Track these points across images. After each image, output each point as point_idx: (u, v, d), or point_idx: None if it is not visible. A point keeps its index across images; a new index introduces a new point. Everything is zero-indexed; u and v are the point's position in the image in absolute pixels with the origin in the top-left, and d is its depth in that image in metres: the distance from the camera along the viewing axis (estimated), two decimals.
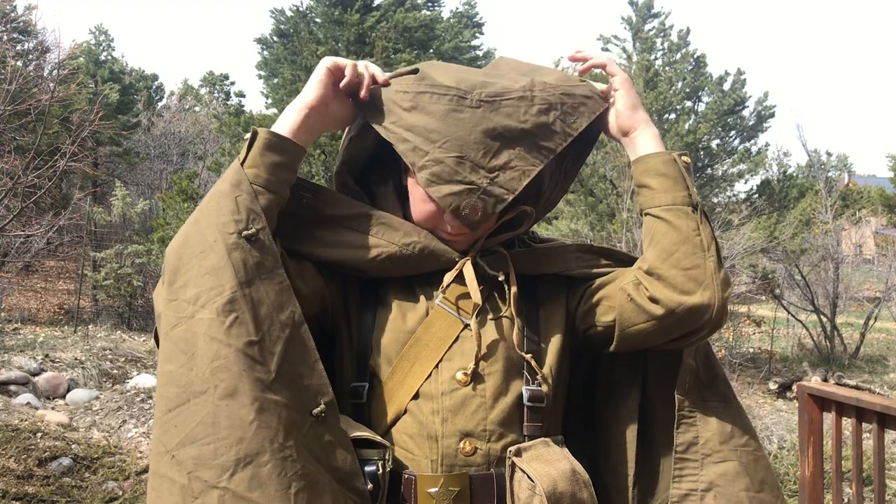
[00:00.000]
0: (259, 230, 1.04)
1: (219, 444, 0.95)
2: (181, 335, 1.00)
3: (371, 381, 1.16)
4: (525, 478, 1.08)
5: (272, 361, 1.00)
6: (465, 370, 1.12)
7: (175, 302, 1.02)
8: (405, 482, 1.11)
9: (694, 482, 1.14)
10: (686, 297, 1.08)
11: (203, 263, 1.02)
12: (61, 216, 9.07)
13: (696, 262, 1.08)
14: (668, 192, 1.13)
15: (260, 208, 1.05)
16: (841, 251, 12.53)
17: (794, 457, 4.58)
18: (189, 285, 1.02)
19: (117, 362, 7.63)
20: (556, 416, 1.19)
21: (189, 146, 18.24)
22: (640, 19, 13.06)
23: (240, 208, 1.04)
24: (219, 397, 0.96)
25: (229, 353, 0.98)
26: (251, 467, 0.94)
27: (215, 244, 1.03)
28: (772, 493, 1.16)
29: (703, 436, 1.15)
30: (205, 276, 1.01)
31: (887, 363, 11.05)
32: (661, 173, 1.14)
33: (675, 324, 1.09)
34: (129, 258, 10.80)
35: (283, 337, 1.02)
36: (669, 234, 1.10)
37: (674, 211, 1.11)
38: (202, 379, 0.97)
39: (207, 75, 28.26)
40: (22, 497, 3.85)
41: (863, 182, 33.48)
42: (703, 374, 1.18)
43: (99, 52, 18.85)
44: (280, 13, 13.60)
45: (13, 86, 8.00)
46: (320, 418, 1.02)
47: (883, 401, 2.89)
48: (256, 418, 0.96)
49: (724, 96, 11.99)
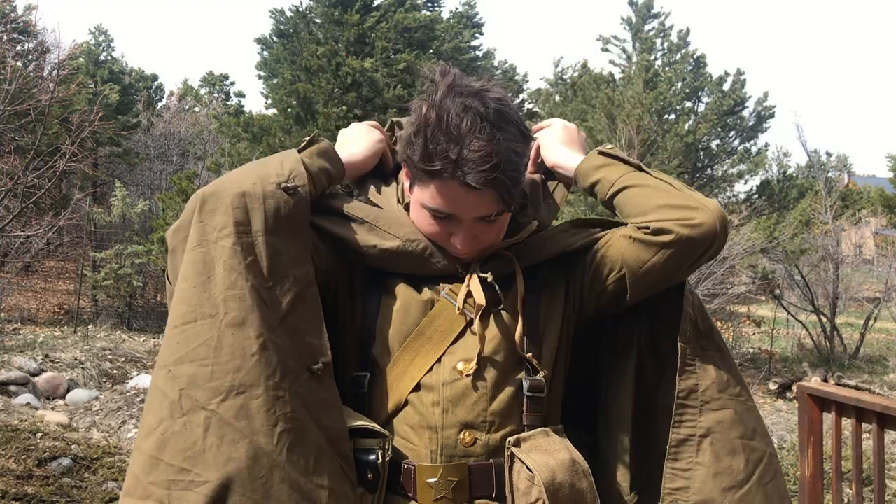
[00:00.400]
0: (299, 186, 1.08)
1: (216, 368, 0.97)
2: (200, 256, 1.03)
3: (372, 372, 1.17)
4: (524, 468, 1.09)
5: (279, 309, 1.03)
6: (466, 361, 1.13)
7: (202, 224, 1.04)
8: (404, 472, 1.12)
9: (692, 428, 1.15)
10: (688, 218, 1.10)
11: (237, 199, 1.04)
12: (61, 216, 9.07)
13: (674, 196, 1.13)
14: (614, 171, 1.18)
15: (304, 171, 1.10)
16: (841, 251, 12.54)
17: (794, 457, 4.58)
18: (218, 212, 1.04)
19: (117, 362, 7.63)
20: (556, 406, 1.20)
21: (189, 146, 18.24)
22: (639, 19, 13.07)
23: (285, 168, 1.09)
24: (227, 324, 0.98)
25: (245, 286, 1.00)
26: (242, 397, 0.96)
27: (253, 186, 1.06)
28: (763, 441, 1.18)
29: (703, 384, 1.16)
30: (236, 209, 1.04)
31: (887, 363, 11.06)
32: (597, 166, 1.20)
33: (684, 247, 1.11)
34: (129, 258, 10.80)
35: (293, 290, 1.05)
36: (636, 192, 1.15)
37: (626, 177, 1.16)
38: (213, 303, 1.00)
39: (207, 75, 28.26)
40: (22, 497, 3.85)
41: (863, 182, 33.49)
42: (701, 323, 1.19)
43: (99, 52, 18.84)
44: (280, 13, 13.60)
45: (13, 86, 8.00)
46: (317, 375, 1.04)
47: (883, 401, 2.89)
48: (258, 352, 0.98)
49: (723, 96, 12.00)
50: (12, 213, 7.59)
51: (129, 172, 17.56)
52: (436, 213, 1.12)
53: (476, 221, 1.12)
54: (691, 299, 1.19)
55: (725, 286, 9.98)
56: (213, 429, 0.95)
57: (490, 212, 1.10)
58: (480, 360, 1.13)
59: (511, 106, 1.10)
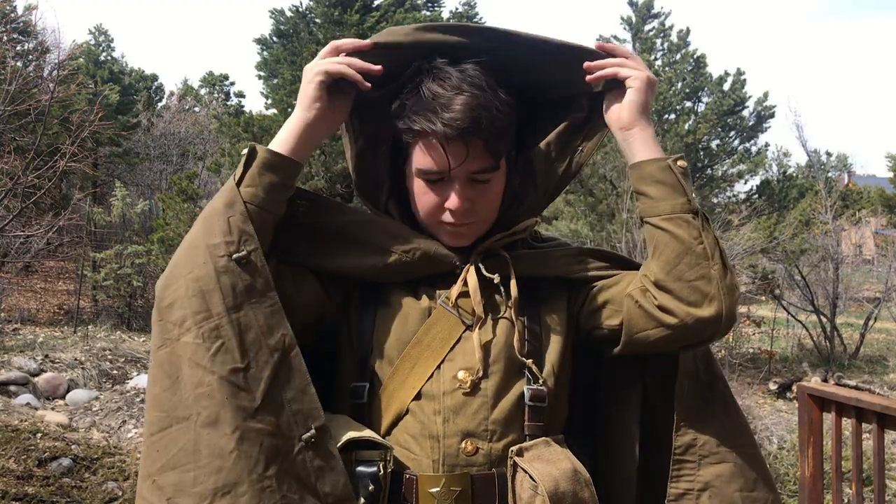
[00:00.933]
0: (251, 252, 1.03)
1: (198, 472, 0.96)
2: (166, 357, 1.01)
3: (372, 382, 1.16)
4: (527, 478, 1.08)
5: (258, 388, 1.00)
6: (466, 370, 1.12)
7: (161, 322, 1.03)
8: (406, 482, 1.10)
9: (690, 482, 1.15)
10: (695, 309, 1.07)
11: (191, 285, 1.02)
12: (61, 216, 9.07)
13: (700, 273, 1.07)
14: (667, 200, 1.10)
15: (252, 229, 1.04)
16: (841, 251, 12.55)
17: (794, 457, 4.58)
18: (175, 306, 1.02)
19: (117, 363, 7.63)
20: (558, 416, 1.19)
21: (189, 147, 18.23)
22: (639, 19, 13.07)
23: (232, 229, 1.03)
24: (200, 425, 0.97)
25: (213, 380, 0.98)
26: (228, 497, 0.95)
27: (204, 265, 1.02)
28: (765, 490, 1.17)
29: (702, 438, 1.15)
30: (192, 298, 1.01)
31: (887, 363, 11.06)
32: (657, 181, 1.11)
33: (684, 333, 1.09)
34: (129, 258, 10.81)
35: (271, 362, 1.01)
36: (671, 244, 1.09)
37: (674, 220, 1.09)
38: (185, 405, 0.98)
39: (207, 76, 28.24)
40: (22, 497, 3.85)
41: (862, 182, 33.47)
42: (704, 375, 1.18)
43: (99, 52, 18.86)
44: (280, 13, 13.60)
45: (13, 86, 8.00)
46: (310, 443, 1.01)
47: (883, 401, 2.89)
48: (236, 448, 0.96)
49: (723, 96, 11.99)
50: (12, 213, 7.59)
51: (129, 172, 17.56)
52: (427, 176, 1.12)
53: (467, 183, 1.11)
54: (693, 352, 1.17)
55: None
56: None
57: (478, 166, 1.10)
58: (480, 367, 1.12)
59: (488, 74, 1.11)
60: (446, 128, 1.05)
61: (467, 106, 1.05)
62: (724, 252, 1.10)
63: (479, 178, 1.11)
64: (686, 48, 12.41)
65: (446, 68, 1.09)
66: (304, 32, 13.01)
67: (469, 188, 1.11)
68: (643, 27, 13.06)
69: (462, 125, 1.05)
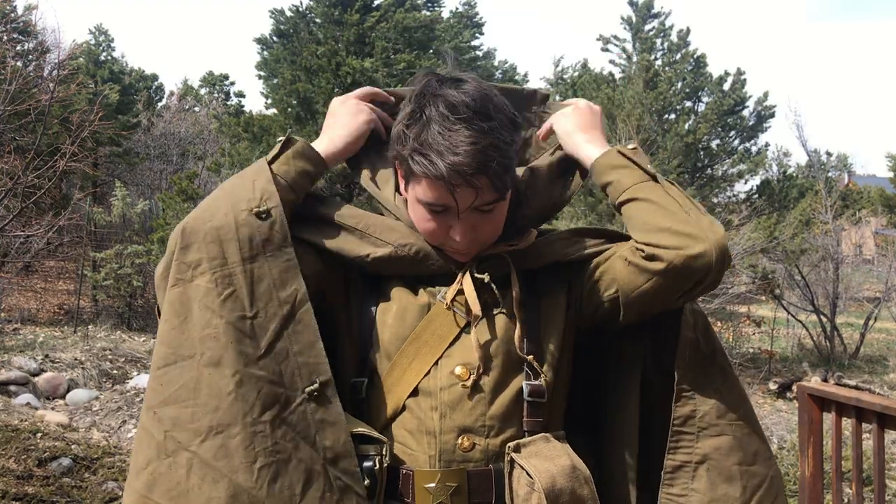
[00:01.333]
0: (271, 208, 1.08)
1: (196, 409, 1.00)
2: (177, 296, 1.05)
3: (370, 377, 1.16)
4: (524, 474, 1.08)
5: (263, 337, 1.03)
6: (464, 366, 1.13)
7: (177, 262, 1.06)
8: (403, 477, 1.11)
9: (688, 454, 1.14)
10: (682, 249, 1.06)
11: (211, 232, 1.06)
12: (61, 216, 9.07)
13: (678, 219, 1.09)
14: (627, 178, 1.14)
15: (275, 189, 1.09)
16: (841, 251, 12.55)
17: (794, 457, 4.58)
18: (192, 249, 1.05)
19: (117, 362, 7.63)
20: (558, 412, 1.19)
21: (189, 146, 18.23)
22: (639, 19, 13.07)
23: (256, 189, 1.09)
24: (204, 364, 1.01)
25: (220, 323, 1.02)
26: (221, 437, 0.99)
27: (226, 217, 1.07)
28: (764, 465, 1.16)
29: (701, 409, 1.14)
30: (210, 244, 1.05)
31: (887, 363, 11.06)
32: (613, 166, 1.15)
33: (677, 277, 1.08)
34: (129, 258, 10.80)
35: (280, 314, 1.05)
36: (642, 206, 1.12)
37: (638, 187, 1.13)
38: (191, 343, 1.02)
39: (207, 75, 28.19)
40: (22, 497, 3.85)
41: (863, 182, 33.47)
42: (704, 346, 1.17)
43: (99, 52, 18.84)
44: (280, 13, 13.60)
45: (13, 86, 8.00)
46: (313, 396, 1.04)
47: (883, 401, 2.89)
48: (234, 390, 1.00)
49: (724, 96, 11.98)
50: (12, 213, 7.59)
51: (129, 172, 17.55)
52: (431, 208, 1.11)
53: (472, 213, 1.11)
54: (693, 322, 1.16)
55: (725, 286, 9.97)
56: (195, 469, 0.98)
57: (483, 200, 1.09)
58: (478, 364, 1.12)
59: (495, 94, 1.11)
60: (452, 174, 1.05)
61: (474, 147, 1.04)
62: (694, 201, 1.13)
63: (484, 210, 1.11)
64: (686, 48, 12.41)
65: (448, 94, 1.08)
66: (304, 32, 13.00)
67: (474, 218, 1.12)
68: (643, 27, 13.06)
69: (468, 171, 1.05)
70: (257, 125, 12.32)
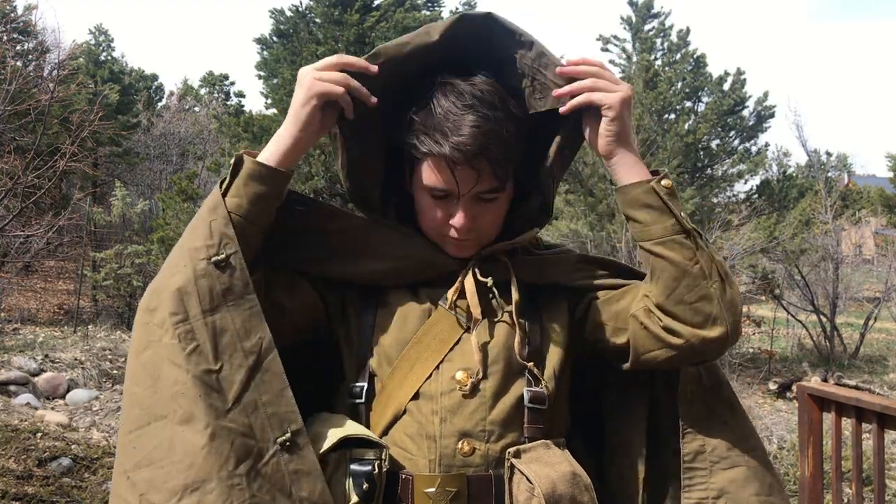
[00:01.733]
0: (230, 255, 1.04)
1: (171, 469, 0.97)
2: (149, 358, 1.02)
3: (370, 382, 1.16)
4: (524, 479, 1.07)
5: (231, 389, 1.01)
6: (465, 370, 1.12)
7: (146, 325, 1.04)
8: (402, 482, 1.10)
9: (704, 490, 1.14)
10: (700, 330, 1.07)
11: (172, 288, 1.03)
12: (61, 216, 9.07)
13: (700, 294, 1.07)
14: (656, 224, 1.08)
15: (233, 232, 1.05)
16: (841, 251, 12.55)
17: (794, 457, 4.58)
18: (158, 310, 1.04)
19: (117, 362, 7.63)
20: (559, 418, 1.18)
21: (189, 146, 18.23)
22: (639, 19, 13.06)
23: (213, 233, 1.05)
24: (176, 422, 0.98)
25: (187, 379, 0.99)
26: (197, 493, 0.96)
27: (185, 269, 1.04)
28: (780, 497, 1.16)
29: (710, 443, 1.14)
30: (171, 301, 1.03)
31: (887, 363, 11.06)
32: (644, 204, 1.09)
33: (691, 353, 1.09)
34: (129, 258, 10.81)
35: (245, 365, 1.02)
36: (667, 269, 1.08)
37: (667, 244, 1.08)
38: (163, 403, 1.00)
39: (207, 75, 28.20)
40: (22, 497, 3.85)
41: (862, 182, 33.49)
42: (707, 380, 1.18)
43: (99, 52, 18.85)
44: (279, 13, 13.60)
45: (13, 86, 8.00)
46: (285, 446, 1.02)
47: (883, 401, 2.89)
48: (207, 444, 0.97)
49: (723, 96, 11.98)
50: (12, 213, 7.59)
51: (129, 172, 17.56)
52: (434, 193, 1.12)
53: (473, 201, 1.11)
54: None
55: None
56: None
57: (483, 187, 1.10)
58: (479, 369, 1.12)
59: (499, 88, 1.11)
60: (454, 151, 1.05)
61: (477, 130, 1.05)
62: (721, 266, 1.09)
63: (485, 198, 1.12)
64: (686, 48, 12.40)
65: (457, 83, 1.08)
66: (304, 32, 13.00)
67: (475, 206, 1.12)
68: (643, 27, 13.06)
69: (471, 150, 1.05)
70: (257, 125, 12.31)
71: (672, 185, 1.10)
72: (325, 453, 1.07)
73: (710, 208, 11.86)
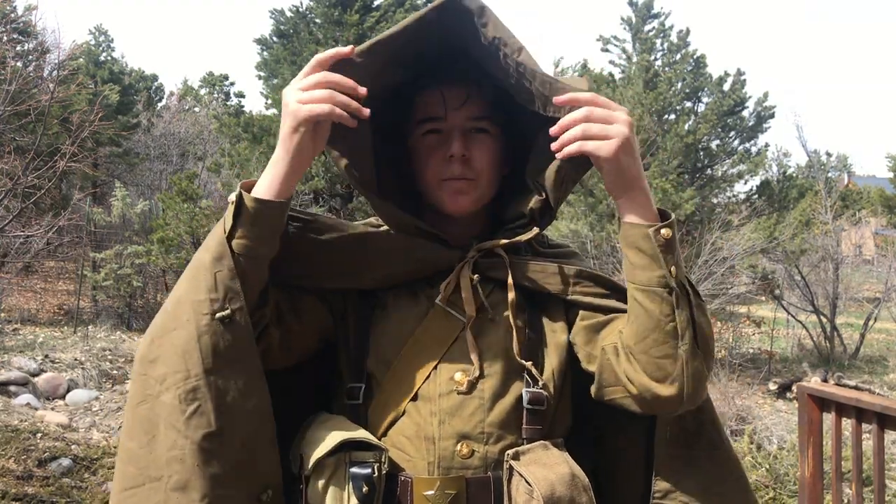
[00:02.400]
0: (235, 311, 1.01)
1: None
2: (145, 414, 1.00)
3: (368, 383, 1.15)
4: (522, 481, 1.07)
5: (231, 453, 1.00)
6: (463, 371, 1.12)
7: (144, 377, 1.02)
8: (401, 484, 1.10)
9: None
10: (655, 385, 1.05)
11: (174, 342, 1.01)
12: (61, 217, 9.07)
13: (666, 352, 1.04)
14: (644, 270, 1.04)
15: (239, 286, 1.02)
16: (840, 252, 12.55)
17: (794, 457, 4.58)
18: (158, 363, 1.01)
19: (117, 363, 7.63)
20: (558, 419, 1.18)
21: (189, 147, 18.23)
22: (639, 20, 13.07)
23: (218, 286, 1.01)
24: (171, 488, 0.97)
25: (185, 444, 0.97)
26: None
27: (188, 324, 1.01)
28: None
29: (682, 484, 1.14)
30: (173, 356, 1.00)
31: (887, 363, 11.07)
32: (637, 247, 1.05)
33: (641, 404, 1.09)
34: (129, 259, 10.80)
35: (245, 426, 1.02)
36: (642, 317, 1.05)
37: (648, 293, 1.04)
38: (158, 465, 0.98)
39: (207, 76, 28.23)
40: (21, 497, 3.85)
41: (862, 182, 33.48)
42: (691, 423, 1.17)
43: (99, 52, 18.85)
44: (280, 14, 13.60)
45: (13, 86, 8.00)
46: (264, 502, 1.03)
47: (883, 401, 2.89)
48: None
49: (723, 97, 11.99)
50: (12, 213, 7.59)
51: (129, 172, 17.56)
52: (428, 127, 1.15)
53: (465, 133, 1.15)
54: None
55: (725, 286, 9.98)
56: None
57: (474, 111, 1.15)
58: (477, 370, 1.12)
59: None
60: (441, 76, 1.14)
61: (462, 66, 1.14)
62: (701, 330, 1.05)
63: (477, 126, 1.15)
64: (686, 48, 12.41)
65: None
66: (304, 32, 13.01)
67: (467, 138, 1.15)
68: (643, 27, 13.06)
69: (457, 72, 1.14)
70: (257, 125, 12.32)
71: (672, 234, 1.04)
72: (324, 457, 1.06)
73: (710, 208, 11.87)
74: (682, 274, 1.05)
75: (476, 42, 1.09)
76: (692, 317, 1.04)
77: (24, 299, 12.16)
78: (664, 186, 10.10)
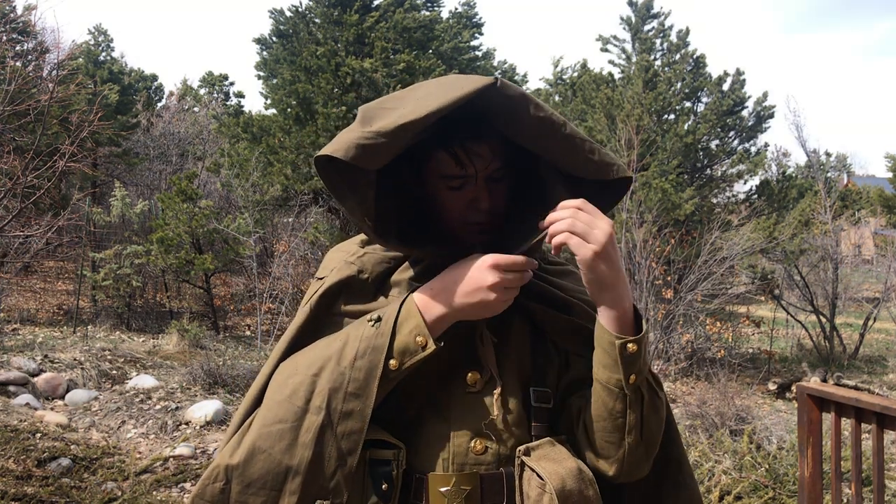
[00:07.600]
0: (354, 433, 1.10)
1: None
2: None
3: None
4: (534, 476, 1.11)
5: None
6: (476, 371, 1.16)
7: (279, 402, 1.12)
8: (417, 481, 1.14)
9: None
10: (597, 460, 1.15)
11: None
12: (60, 217, 9.06)
13: (612, 439, 1.12)
14: (606, 369, 1.09)
15: (373, 401, 1.10)
16: (840, 252, 12.55)
17: (794, 457, 4.58)
18: (296, 395, 1.12)
19: (116, 363, 7.63)
20: (564, 416, 1.22)
21: (188, 147, 18.24)
22: (639, 20, 13.09)
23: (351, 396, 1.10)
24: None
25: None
26: None
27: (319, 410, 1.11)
28: None
29: None
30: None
31: (886, 363, 11.07)
32: (602, 347, 1.09)
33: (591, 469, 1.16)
34: (129, 259, 10.79)
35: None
36: (598, 405, 1.12)
37: (607, 388, 1.09)
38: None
39: (206, 76, 28.16)
40: (21, 497, 3.85)
41: (862, 182, 33.48)
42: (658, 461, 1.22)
43: (98, 52, 18.82)
44: (279, 13, 13.61)
45: (12, 86, 8.00)
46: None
47: (882, 401, 2.89)
48: None
49: (723, 97, 12.00)
50: (12, 213, 7.58)
51: (128, 172, 17.54)
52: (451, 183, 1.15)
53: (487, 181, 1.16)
54: None
55: (725, 286, 10.00)
56: None
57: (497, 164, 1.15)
58: (490, 369, 1.16)
59: None
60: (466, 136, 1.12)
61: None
62: (646, 427, 1.11)
63: (497, 177, 1.17)
64: (685, 48, 12.42)
65: None
66: (303, 32, 13.01)
67: (490, 188, 1.17)
68: (643, 27, 13.08)
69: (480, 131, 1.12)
70: (257, 125, 12.32)
71: (638, 349, 1.06)
72: None
73: (710, 208, 11.88)
74: (641, 379, 1.09)
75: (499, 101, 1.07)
76: (642, 417, 1.10)
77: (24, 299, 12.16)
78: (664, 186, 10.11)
